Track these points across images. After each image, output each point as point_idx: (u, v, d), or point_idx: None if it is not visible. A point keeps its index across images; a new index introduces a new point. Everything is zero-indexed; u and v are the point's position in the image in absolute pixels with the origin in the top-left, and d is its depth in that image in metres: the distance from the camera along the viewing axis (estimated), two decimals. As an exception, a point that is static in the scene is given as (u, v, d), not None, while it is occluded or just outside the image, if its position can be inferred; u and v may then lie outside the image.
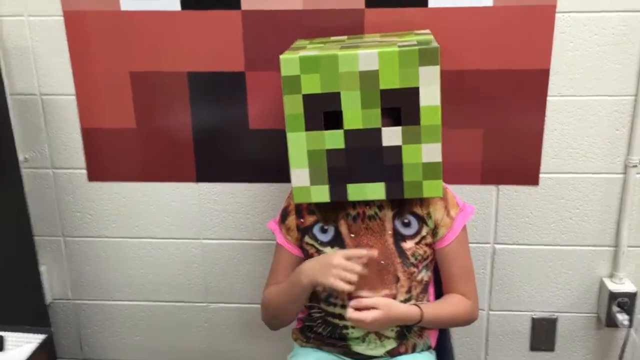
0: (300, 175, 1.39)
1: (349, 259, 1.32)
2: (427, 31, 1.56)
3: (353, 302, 1.36)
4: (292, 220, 1.50)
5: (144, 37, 1.77)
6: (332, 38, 1.59)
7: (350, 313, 1.35)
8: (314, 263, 1.37)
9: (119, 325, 2.12)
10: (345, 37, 1.58)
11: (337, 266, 1.30)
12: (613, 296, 1.85)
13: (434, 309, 1.45)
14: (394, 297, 1.44)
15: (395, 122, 1.34)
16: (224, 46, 1.75)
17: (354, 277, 1.30)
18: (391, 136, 1.34)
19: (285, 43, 1.56)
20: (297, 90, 1.32)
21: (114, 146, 1.89)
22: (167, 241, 1.99)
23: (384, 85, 1.30)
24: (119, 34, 1.77)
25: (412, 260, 1.44)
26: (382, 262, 1.44)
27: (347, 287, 1.30)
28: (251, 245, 1.96)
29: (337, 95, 1.32)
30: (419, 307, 1.41)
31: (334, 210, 1.45)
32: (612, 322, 1.87)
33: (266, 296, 1.51)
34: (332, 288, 1.36)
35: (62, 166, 1.94)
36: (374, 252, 1.36)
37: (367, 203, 1.44)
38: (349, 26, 1.69)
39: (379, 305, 1.35)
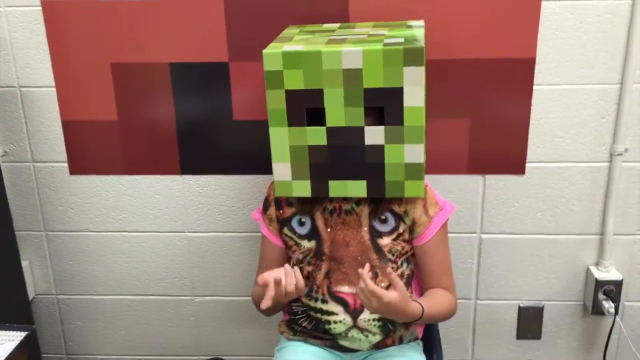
0: (282, 169, 1.40)
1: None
2: (421, 23, 1.56)
3: (367, 270, 1.32)
4: (272, 210, 1.51)
5: (124, 27, 1.76)
6: (324, 26, 1.58)
7: (367, 282, 1.29)
8: None
9: (104, 320, 2.13)
10: (336, 26, 1.57)
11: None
12: (599, 284, 1.88)
13: (431, 305, 1.45)
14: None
15: (379, 121, 1.36)
16: (206, 36, 1.75)
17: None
18: (374, 135, 1.36)
19: (270, 32, 1.56)
20: (279, 86, 1.33)
21: (96, 139, 1.88)
22: (152, 234, 1.99)
23: (367, 83, 1.31)
24: (99, 24, 1.76)
25: (389, 256, 1.46)
26: (359, 257, 1.44)
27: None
28: (237, 238, 1.97)
29: (320, 92, 1.33)
30: (421, 305, 1.41)
31: (311, 202, 1.46)
32: (598, 310, 1.91)
33: (253, 292, 1.56)
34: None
35: (42, 159, 1.93)
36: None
37: (345, 198, 1.44)
38: (338, 13, 1.70)
39: (398, 289, 1.32)
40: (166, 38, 1.77)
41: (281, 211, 1.51)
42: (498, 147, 1.82)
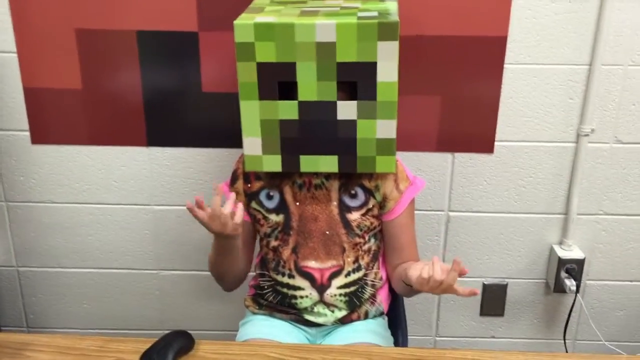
0: (252, 143, 1.39)
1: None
2: None
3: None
4: (240, 184, 1.50)
5: (90, -8, 1.70)
6: None
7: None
8: None
9: (66, 293, 2.11)
10: None
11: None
12: (562, 262, 1.92)
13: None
14: (342, 267, 1.46)
15: (351, 96, 1.35)
16: (176, 4, 1.73)
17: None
18: (346, 110, 1.35)
19: (242, 2, 1.52)
20: (251, 58, 1.31)
21: (59, 107, 1.85)
22: (117, 207, 1.97)
23: (340, 57, 1.31)
24: (63, -12, 1.70)
25: (357, 231, 1.46)
26: (327, 232, 1.45)
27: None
28: (204, 212, 1.94)
29: (292, 66, 1.32)
30: None
31: (280, 176, 1.46)
32: (560, 288, 1.95)
33: (208, 259, 1.53)
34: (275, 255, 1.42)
35: (3, 128, 1.89)
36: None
37: (315, 172, 1.43)
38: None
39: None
40: (134, 5, 1.74)
41: (249, 185, 1.50)
42: (468, 126, 1.83)
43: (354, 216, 1.47)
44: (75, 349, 1.27)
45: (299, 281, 1.48)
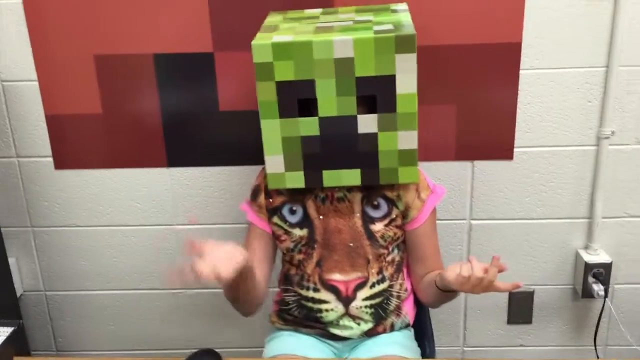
0: (274, 161, 1.40)
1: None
2: (404, 6, 1.55)
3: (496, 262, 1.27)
4: (262, 199, 1.50)
5: (107, 18, 1.75)
6: (306, 12, 1.57)
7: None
8: None
9: (93, 316, 2.12)
10: (319, 12, 1.56)
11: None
12: (588, 267, 1.89)
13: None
14: (366, 279, 1.46)
15: (371, 109, 1.36)
16: (191, 26, 1.75)
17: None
18: (367, 123, 1.36)
19: (255, 21, 1.55)
20: (270, 77, 1.32)
21: (81, 132, 1.87)
22: (139, 228, 1.98)
23: (359, 72, 1.32)
24: (81, 16, 1.76)
25: (382, 242, 1.46)
26: (351, 244, 1.45)
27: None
28: (225, 229, 1.97)
29: (311, 83, 1.33)
30: None
31: (302, 190, 1.46)
32: (588, 293, 1.92)
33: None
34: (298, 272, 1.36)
35: (27, 155, 1.92)
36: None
37: (335, 186, 1.44)
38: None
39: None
40: (150, 29, 1.76)
41: (271, 200, 1.51)
42: (486, 133, 1.83)
43: (378, 227, 1.47)
44: (105, 371, 1.28)
45: (324, 294, 1.49)
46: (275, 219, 1.51)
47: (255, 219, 1.54)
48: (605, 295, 1.91)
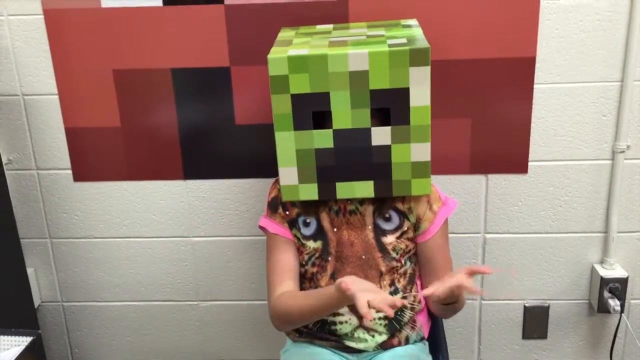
0: (288, 173, 1.42)
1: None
2: (414, 22, 1.57)
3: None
4: (281, 210, 1.51)
5: (126, 34, 1.78)
6: (318, 27, 1.59)
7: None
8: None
9: (109, 327, 2.14)
10: (331, 27, 1.58)
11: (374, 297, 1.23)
12: (604, 282, 1.89)
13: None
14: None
15: (384, 121, 1.38)
16: (207, 41, 1.77)
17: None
18: (380, 136, 1.38)
19: (270, 36, 1.58)
20: (285, 90, 1.34)
21: (99, 145, 1.90)
22: (156, 240, 2.00)
23: (373, 85, 1.34)
24: (100, 32, 1.79)
25: (394, 254, 1.47)
26: (363, 257, 1.46)
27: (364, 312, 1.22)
28: (241, 242, 1.98)
29: (326, 95, 1.35)
30: None
31: (316, 203, 1.48)
32: (603, 308, 1.91)
33: (279, 305, 1.47)
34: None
35: (46, 167, 1.95)
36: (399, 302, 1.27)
37: (349, 198, 1.45)
38: (334, 15, 1.72)
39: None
40: (167, 44, 1.79)
41: (287, 212, 1.52)
42: (500, 147, 1.83)
43: (389, 239, 1.48)
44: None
45: (337, 307, 1.49)
46: (294, 231, 1.52)
47: (279, 229, 1.53)
48: (622, 311, 1.90)
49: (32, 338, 1.20)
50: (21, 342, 1.20)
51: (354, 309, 1.47)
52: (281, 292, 1.48)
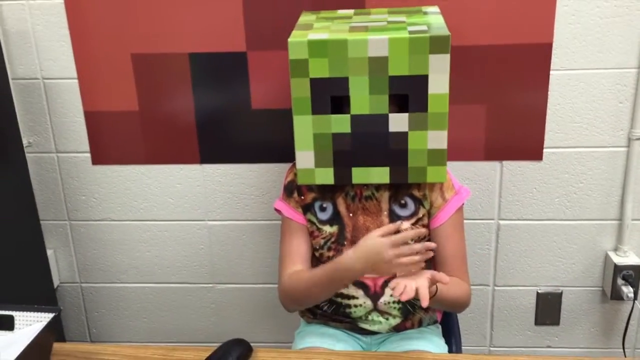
0: (305, 157, 1.43)
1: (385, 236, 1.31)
2: (436, 9, 1.57)
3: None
4: (296, 194, 1.52)
5: (144, 18, 1.81)
6: (339, 12, 1.60)
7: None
8: (362, 259, 1.33)
9: (126, 308, 2.18)
10: (352, 12, 1.59)
11: (392, 257, 1.29)
12: (618, 269, 1.89)
13: (444, 287, 1.42)
14: (394, 275, 1.46)
15: (402, 107, 1.39)
16: (225, 26, 1.79)
17: (415, 258, 1.29)
18: (398, 122, 1.39)
19: (287, 21, 1.59)
20: (304, 74, 1.35)
21: (117, 129, 1.93)
22: (173, 223, 2.03)
23: (393, 71, 1.34)
24: (119, 16, 1.81)
25: (408, 241, 1.45)
26: None
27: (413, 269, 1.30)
28: (256, 226, 2.00)
29: (345, 80, 1.36)
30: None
31: (332, 188, 1.49)
32: (617, 295, 1.92)
33: (289, 283, 1.50)
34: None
35: (66, 150, 1.98)
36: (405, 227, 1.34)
37: (365, 183, 1.46)
38: (353, 0, 1.72)
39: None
40: (185, 29, 1.81)
41: (302, 197, 1.54)
42: (515, 133, 1.83)
43: (405, 226, 1.48)
44: (139, 358, 1.32)
45: (352, 290, 1.51)
46: (309, 215, 1.54)
47: (293, 214, 1.55)
48: (635, 298, 1.90)
49: (54, 314, 1.23)
50: (44, 318, 1.23)
51: (368, 294, 1.49)
52: (291, 272, 1.51)
